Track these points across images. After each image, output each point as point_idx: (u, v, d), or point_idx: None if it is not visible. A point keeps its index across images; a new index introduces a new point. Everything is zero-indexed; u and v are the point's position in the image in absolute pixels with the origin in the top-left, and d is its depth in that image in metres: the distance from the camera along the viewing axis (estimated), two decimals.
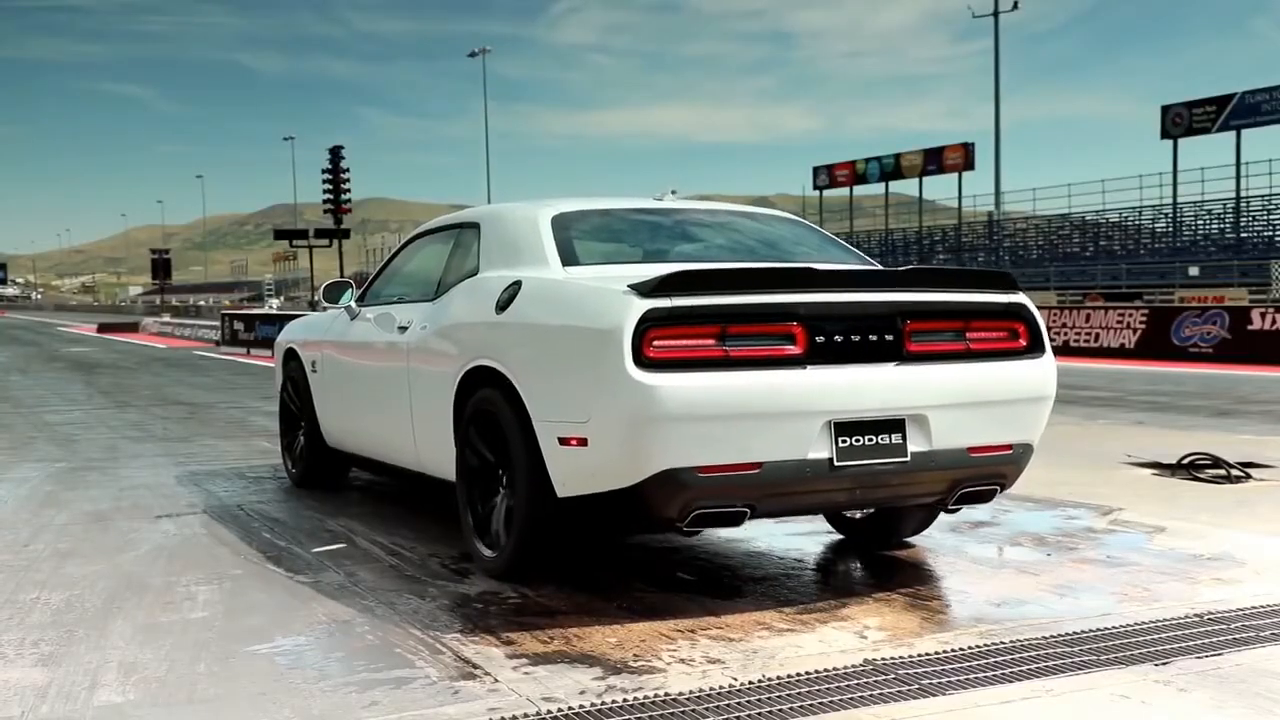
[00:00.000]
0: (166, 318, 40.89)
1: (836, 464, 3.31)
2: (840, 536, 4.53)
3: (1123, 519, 4.79)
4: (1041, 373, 3.66)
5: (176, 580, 3.93)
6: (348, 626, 3.32)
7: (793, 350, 3.28)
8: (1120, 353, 17.19)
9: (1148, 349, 16.83)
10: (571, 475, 3.41)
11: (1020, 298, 3.69)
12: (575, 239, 4.03)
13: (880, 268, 3.98)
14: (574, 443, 3.34)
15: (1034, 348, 3.67)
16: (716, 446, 3.18)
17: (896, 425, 3.40)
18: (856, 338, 3.36)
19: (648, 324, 3.14)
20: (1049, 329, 4.29)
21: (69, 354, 23.12)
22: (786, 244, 4.41)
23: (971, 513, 4.92)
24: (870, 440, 3.36)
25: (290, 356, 6.09)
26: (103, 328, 38.88)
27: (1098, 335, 17.81)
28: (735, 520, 3.35)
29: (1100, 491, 5.42)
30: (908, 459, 3.40)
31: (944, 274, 3.95)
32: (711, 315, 3.21)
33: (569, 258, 3.88)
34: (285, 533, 4.76)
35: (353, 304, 5.27)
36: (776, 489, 3.29)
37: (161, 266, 68.66)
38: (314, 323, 6.09)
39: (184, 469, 6.71)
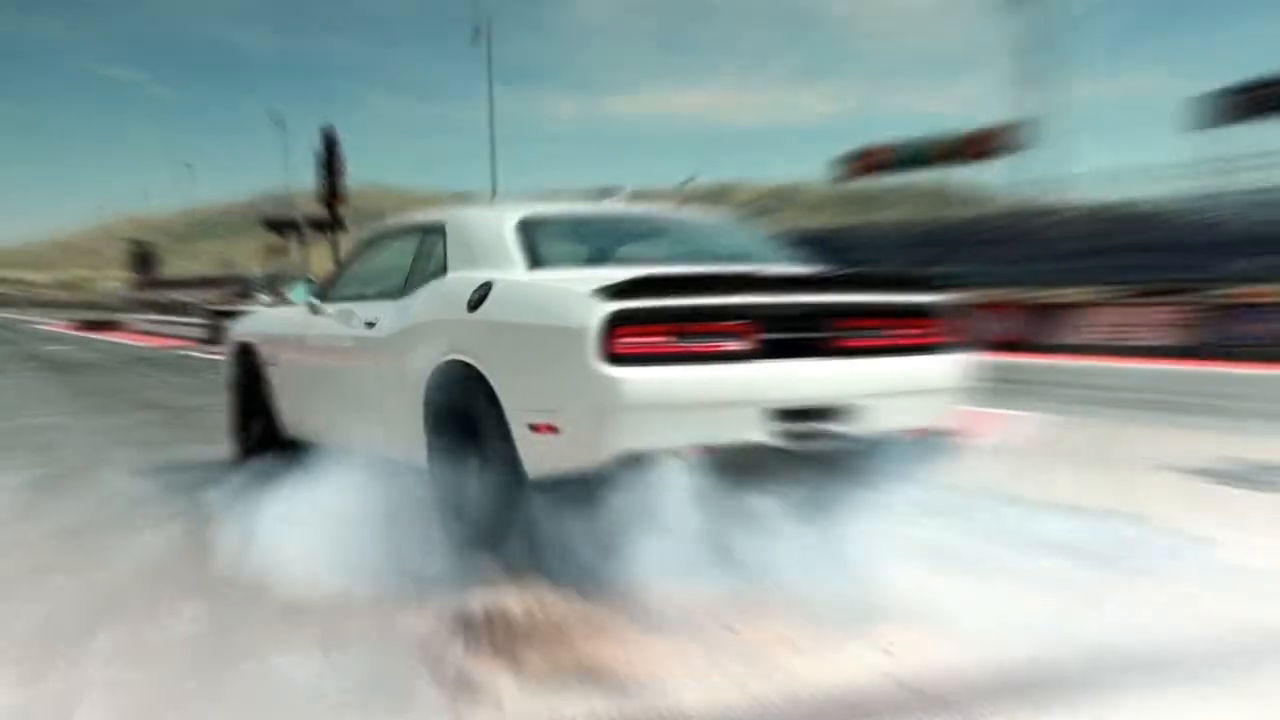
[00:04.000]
0: (150, 314, 41.10)
1: (780, 448, 3.90)
2: (861, 549, 4.55)
3: (1172, 528, 4.75)
4: (958, 365, 4.35)
5: (162, 595, 3.96)
6: (344, 643, 3.35)
7: (742, 346, 3.89)
8: (1169, 351, 17.11)
9: (1199, 348, 16.73)
10: (542, 458, 3.95)
11: (939, 298, 4.35)
12: (539, 242, 4.59)
13: (819, 271, 4.51)
14: (544, 430, 3.91)
15: (951, 343, 4.35)
16: (673, 432, 3.77)
17: (833, 413, 4.02)
18: (798, 335, 4.00)
19: (613, 323, 3.72)
20: (1091, 326, 4.97)
21: (47, 353, 23.27)
22: (737, 247, 5.06)
23: (1006, 520, 4.90)
24: (810, 426, 3.97)
25: (245, 350, 6.56)
26: (82, 324, 39.11)
27: (1144, 332, 17.75)
28: (690, 498, 3.81)
29: (1146, 499, 5.38)
30: (843, 443, 4.01)
31: (874, 277, 4.51)
32: (670, 315, 3.80)
33: (534, 260, 4.46)
34: (277, 543, 4.78)
35: (314, 300, 5.70)
36: (727, 470, 3.81)
37: (145, 260, 68.94)
38: (272, 317, 6.61)
39: (169, 476, 6.75)
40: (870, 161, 48.13)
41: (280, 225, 51.89)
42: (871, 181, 48.91)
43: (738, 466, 3.86)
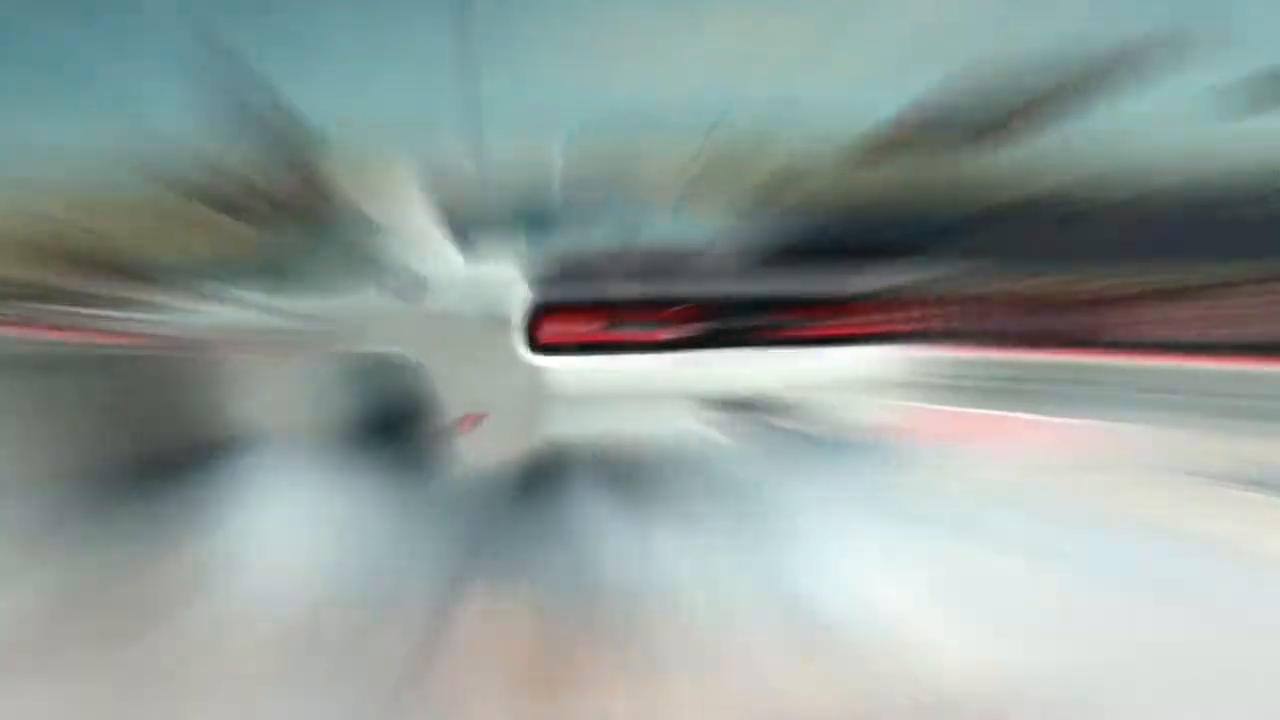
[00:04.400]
0: (67, 306, 40.99)
1: (714, 441, 4.25)
2: (943, 578, 4.57)
3: (1232, 549, 4.65)
4: (907, 355, 4.63)
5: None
6: (314, 685, 3.34)
7: (674, 335, 4.23)
8: (1247, 349, 16.89)
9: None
10: (469, 449, 4.35)
11: (892, 283, 4.64)
12: (469, 229, 4.91)
13: (765, 252, 4.70)
14: (472, 420, 4.31)
15: (904, 332, 4.64)
16: (603, 422, 4.14)
17: (770, 404, 4.33)
18: (733, 324, 4.31)
19: (539, 312, 4.12)
20: (1152, 321, 4.99)
21: None
22: (678, 230, 5.52)
23: (1093, 546, 4.79)
24: (744, 419, 4.27)
25: (164, 347, 6.97)
26: None
27: (1249, 328, 17.54)
28: (622, 491, 4.26)
29: (1198, 515, 5.26)
30: (783, 436, 4.32)
31: (821, 260, 4.70)
32: (599, 303, 4.16)
33: (466, 248, 4.79)
34: (240, 567, 4.78)
35: (236, 290, 6.16)
36: (658, 463, 4.23)
37: (64, 244, 68.65)
38: (199, 311, 6.89)
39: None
40: (910, 134, 47.78)
41: (216, 201, 51.38)
42: (913, 150, 48.54)
43: (671, 459, 4.22)
